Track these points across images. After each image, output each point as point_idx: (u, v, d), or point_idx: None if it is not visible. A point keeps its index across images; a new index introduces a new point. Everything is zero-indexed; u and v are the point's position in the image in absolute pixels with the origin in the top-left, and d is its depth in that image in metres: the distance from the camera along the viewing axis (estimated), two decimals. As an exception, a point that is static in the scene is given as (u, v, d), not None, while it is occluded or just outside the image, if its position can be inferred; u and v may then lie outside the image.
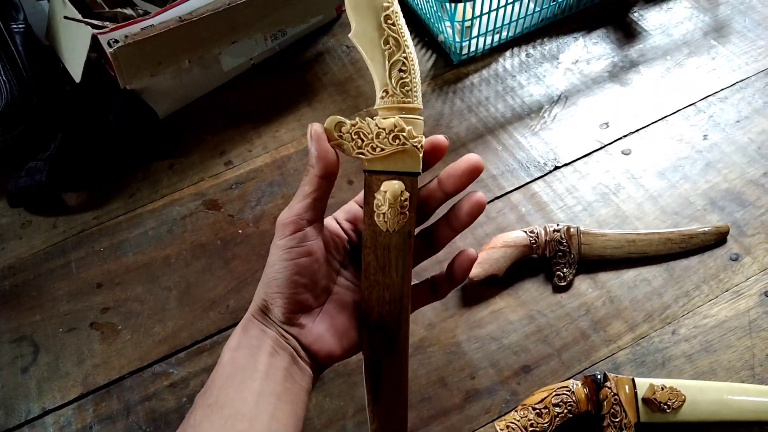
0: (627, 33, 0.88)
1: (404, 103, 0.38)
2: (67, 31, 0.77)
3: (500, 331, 0.63)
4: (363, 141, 0.38)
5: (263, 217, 0.74)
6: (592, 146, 0.76)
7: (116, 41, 0.71)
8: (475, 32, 0.83)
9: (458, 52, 0.85)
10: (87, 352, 0.65)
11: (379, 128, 0.38)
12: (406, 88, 0.38)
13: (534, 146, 0.77)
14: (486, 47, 0.87)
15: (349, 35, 0.39)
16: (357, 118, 0.39)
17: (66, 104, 0.81)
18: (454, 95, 0.83)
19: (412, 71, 0.38)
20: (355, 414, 0.59)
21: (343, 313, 0.42)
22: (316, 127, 0.38)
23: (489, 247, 0.65)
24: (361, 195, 0.42)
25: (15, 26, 0.79)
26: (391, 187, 0.38)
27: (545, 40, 0.88)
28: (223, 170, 0.79)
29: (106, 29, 0.72)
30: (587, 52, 0.86)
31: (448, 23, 0.83)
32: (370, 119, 0.38)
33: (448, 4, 0.78)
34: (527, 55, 0.87)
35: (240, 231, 0.73)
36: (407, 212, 0.39)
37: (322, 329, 0.41)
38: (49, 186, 0.75)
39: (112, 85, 0.77)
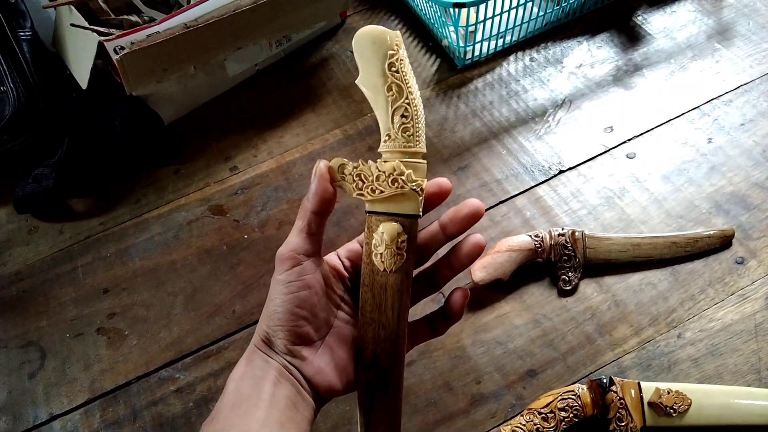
0: (631, 37, 0.88)
1: (406, 147, 0.39)
2: (73, 38, 0.77)
3: (505, 335, 0.63)
4: (364, 183, 0.39)
5: (268, 222, 0.74)
6: (597, 150, 0.76)
7: (122, 48, 0.72)
8: (479, 37, 0.84)
9: (462, 56, 0.86)
10: (94, 357, 0.66)
11: (379, 171, 0.39)
12: (407, 133, 0.39)
13: (538, 150, 0.77)
14: (490, 52, 0.87)
15: (356, 81, 0.40)
16: (360, 161, 0.40)
17: (72, 111, 0.81)
18: (458, 100, 0.83)
19: (415, 117, 0.39)
20: (361, 419, 0.59)
21: (343, 348, 0.43)
22: (321, 165, 0.40)
23: (494, 251, 0.65)
24: (363, 235, 0.43)
25: (22, 34, 0.80)
26: (389, 228, 0.39)
27: (549, 44, 0.88)
28: (228, 176, 0.79)
29: (112, 36, 0.72)
30: (591, 56, 0.86)
31: (452, 28, 0.83)
32: (372, 162, 0.40)
33: (452, 9, 0.78)
34: (531, 60, 0.87)
35: (245, 236, 0.73)
36: (404, 253, 0.40)
37: (323, 363, 0.42)
38: (56, 192, 0.76)
39: (118, 92, 0.77)
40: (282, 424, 0.39)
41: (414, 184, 0.39)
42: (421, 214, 0.40)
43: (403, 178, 0.39)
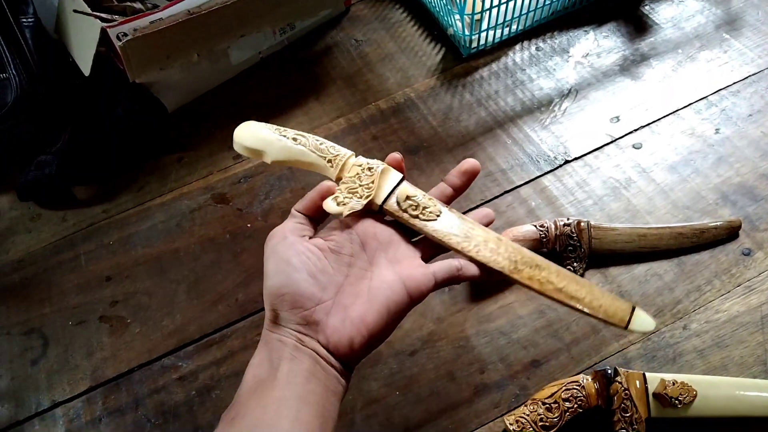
0: (638, 26, 0.87)
1: (337, 155, 0.48)
2: (76, 24, 0.77)
3: (509, 325, 0.63)
4: (357, 192, 0.45)
5: (272, 211, 0.74)
6: (603, 140, 0.75)
7: (125, 35, 0.71)
8: (484, 25, 0.83)
9: (468, 45, 0.85)
10: (96, 345, 0.65)
11: (355, 176, 0.46)
12: (324, 145, 0.48)
13: (544, 140, 0.76)
14: (495, 40, 0.86)
15: (270, 162, 0.48)
16: (339, 184, 0.46)
17: (75, 98, 0.81)
18: (463, 89, 0.83)
19: (315, 139, 0.48)
20: (363, 407, 0.59)
21: (358, 301, 0.42)
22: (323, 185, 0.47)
23: (498, 241, 0.64)
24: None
25: (24, 20, 0.79)
26: (400, 191, 0.46)
27: (555, 33, 0.88)
28: (231, 164, 0.79)
29: (115, 22, 0.72)
30: (598, 45, 0.85)
31: (457, 16, 0.82)
32: (345, 177, 0.46)
33: (457, -3, 0.77)
34: (537, 49, 0.86)
35: (249, 225, 0.73)
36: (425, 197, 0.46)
37: (337, 321, 0.41)
38: (59, 179, 0.76)
39: (121, 79, 0.77)
40: (301, 398, 0.38)
41: (376, 161, 0.47)
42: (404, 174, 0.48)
43: (370, 164, 0.46)
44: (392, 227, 0.46)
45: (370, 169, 0.46)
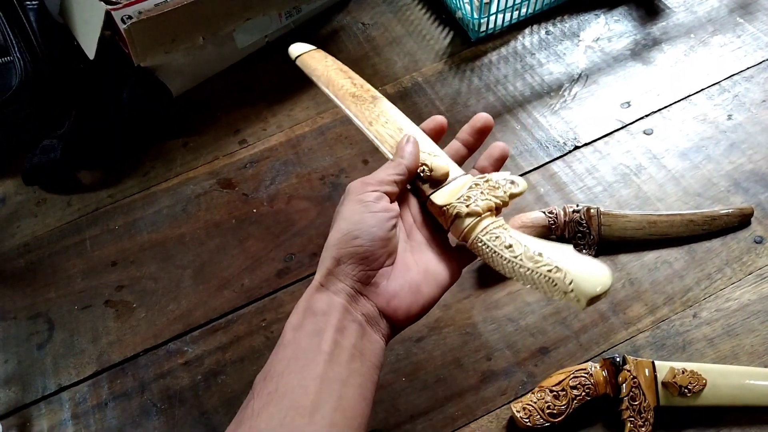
0: (649, 10, 0.85)
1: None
2: (80, 7, 0.76)
3: (517, 312, 0.62)
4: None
5: (278, 196, 0.73)
6: (613, 126, 0.74)
7: (130, 17, 0.70)
8: (493, 9, 0.82)
9: (476, 29, 0.84)
10: (102, 329, 0.65)
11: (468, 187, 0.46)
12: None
13: (553, 125, 0.75)
14: (505, 24, 0.85)
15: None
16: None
17: (80, 82, 0.80)
18: (471, 73, 0.82)
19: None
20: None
21: (414, 271, 0.42)
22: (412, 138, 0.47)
23: (506, 227, 0.63)
24: None
25: (29, 3, 0.78)
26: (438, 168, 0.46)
27: (565, 17, 0.86)
28: (237, 149, 0.78)
29: (120, 5, 0.71)
30: (608, 29, 0.84)
31: (466, 0, 0.81)
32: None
33: (466, -20, 0.76)
34: (547, 33, 0.85)
35: (254, 210, 0.72)
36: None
37: (397, 286, 0.41)
38: (64, 164, 0.75)
39: (126, 63, 0.76)
40: (344, 381, 0.37)
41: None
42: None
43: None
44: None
45: (488, 182, 0.46)
